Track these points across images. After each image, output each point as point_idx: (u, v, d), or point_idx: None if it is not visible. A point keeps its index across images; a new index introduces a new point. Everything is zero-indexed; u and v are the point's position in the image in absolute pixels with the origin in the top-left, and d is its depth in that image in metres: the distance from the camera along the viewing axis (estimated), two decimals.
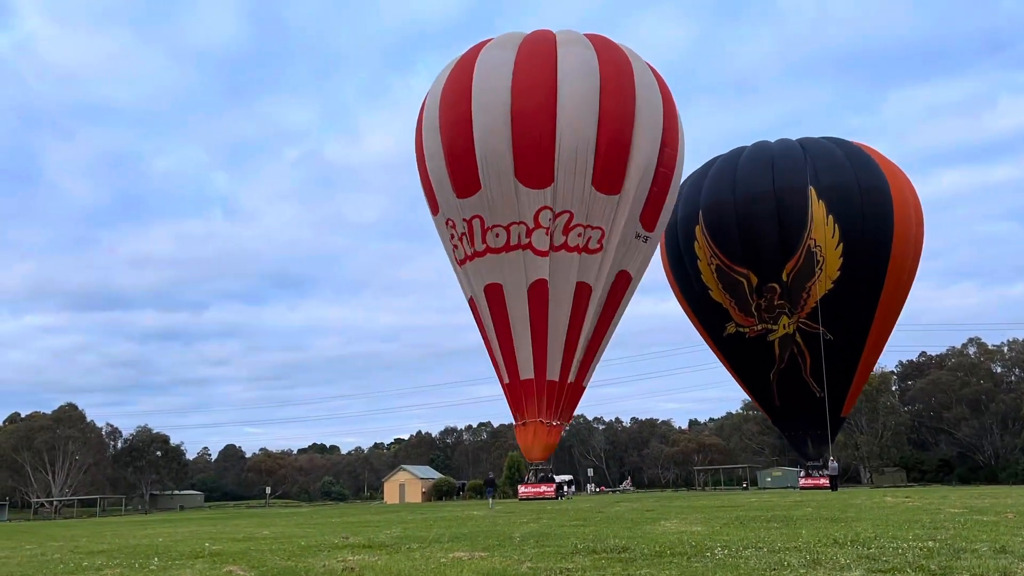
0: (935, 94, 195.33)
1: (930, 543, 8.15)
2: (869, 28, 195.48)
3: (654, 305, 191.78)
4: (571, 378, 34.68)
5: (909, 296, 40.51)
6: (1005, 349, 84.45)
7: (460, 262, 35.38)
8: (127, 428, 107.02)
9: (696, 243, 40.41)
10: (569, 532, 11.44)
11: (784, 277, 38.35)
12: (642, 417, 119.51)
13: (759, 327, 39.67)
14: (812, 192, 37.52)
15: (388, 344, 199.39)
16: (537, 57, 33.04)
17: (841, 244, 37.46)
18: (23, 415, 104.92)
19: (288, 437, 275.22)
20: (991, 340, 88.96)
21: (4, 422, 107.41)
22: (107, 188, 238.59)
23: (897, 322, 41.08)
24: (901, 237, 37.97)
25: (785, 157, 38.82)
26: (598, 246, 32.99)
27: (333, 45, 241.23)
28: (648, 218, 34.25)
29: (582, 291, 33.46)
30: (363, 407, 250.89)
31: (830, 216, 37.40)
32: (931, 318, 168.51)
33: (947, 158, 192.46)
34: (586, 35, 34.79)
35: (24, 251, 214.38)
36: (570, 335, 33.79)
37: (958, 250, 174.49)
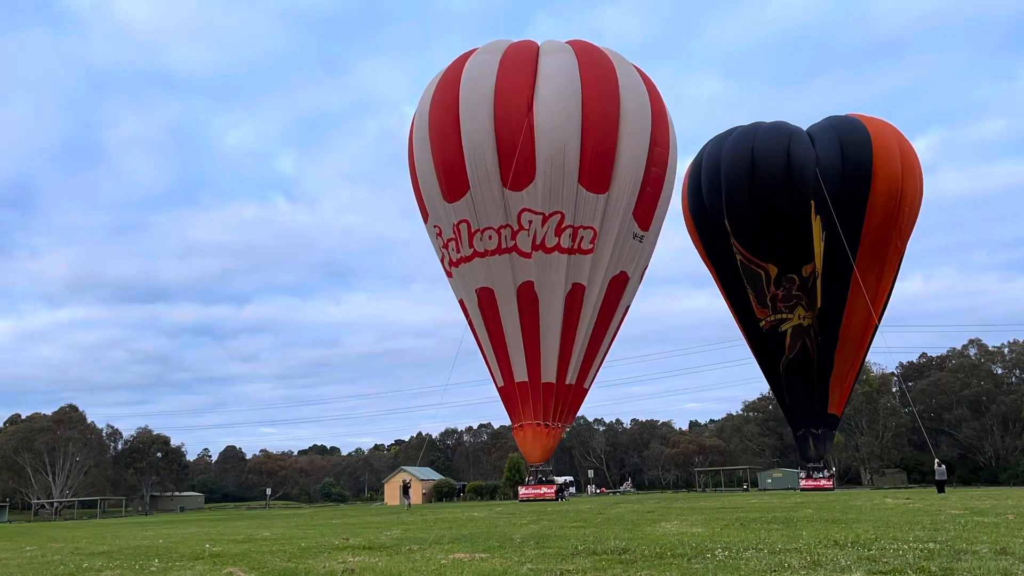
0: None
1: (931, 544, 8.15)
2: None
3: (654, 306, 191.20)
4: (570, 380, 34.62)
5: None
6: (1005, 350, 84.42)
7: (452, 263, 35.50)
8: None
9: (731, 238, 40.53)
10: (569, 533, 11.44)
11: (804, 273, 38.88)
12: (642, 418, 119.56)
13: (772, 318, 40.10)
14: (812, 206, 37.87)
15: (423, 340, 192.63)
16: (519, 63, 33.43)
17: (823, 254, 38.24)
18: (24, 416, 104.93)
19: (302, 438, 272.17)
20: (991, 341, 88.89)
21: (4, 423, 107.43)
22: (170, 168, 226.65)
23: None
24: (877, 229, 38.21)
25: (798, 162, 38.38)
26: (591, 246, 33.08)
27: (439, 5, 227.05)
28: (643, 216, 34.27)
29: (576, 292, 33.49)
30: (378, 407, 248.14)
31: (824, 232, 38.03)
32: (998, 310, 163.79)
33: None
34: (569, 42, 34.96)
35: (75, 237, 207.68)
36: (565, 337, 33.76)
37: None
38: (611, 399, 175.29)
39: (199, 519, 37.16)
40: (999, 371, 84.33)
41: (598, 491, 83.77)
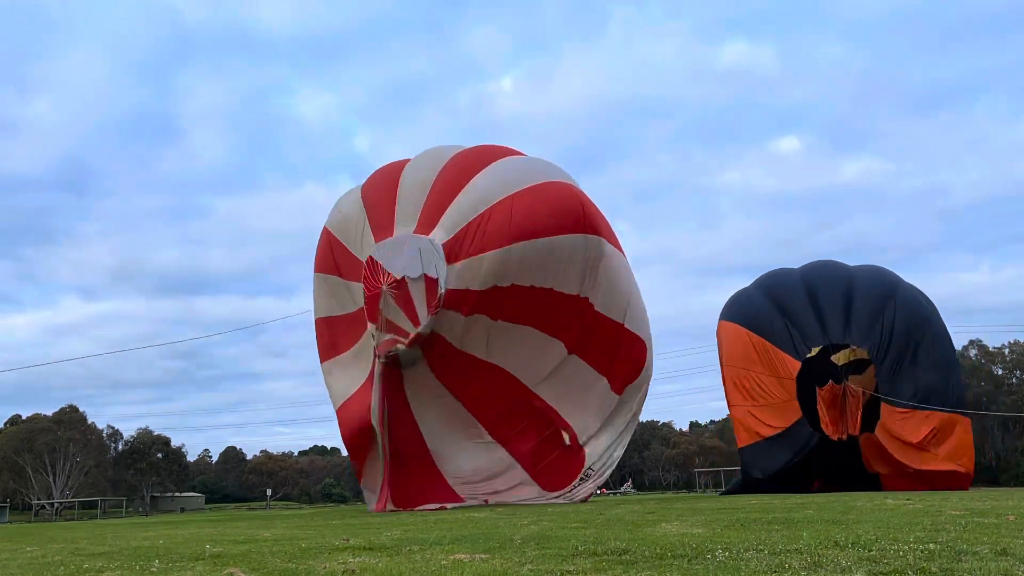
0: None
1: (931, 545, 8.15)
2: None
3: (658, 306, 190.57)
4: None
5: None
6: (1006, 351, 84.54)
7: None
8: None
9: None
10: (570, 534, 11.44)
11: None
12: (643, 419, 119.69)
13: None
14: None
15: None
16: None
17: None
18: (24, 417, 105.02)
19: (314, 437, 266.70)
20: (992, 342, 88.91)
21: (5, 424, 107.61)
22: (241, 145, 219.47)
23: None
24: None
25: None
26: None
27: None
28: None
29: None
30: None
31: None
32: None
33: None
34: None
35: (127, 223, 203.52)
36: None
37: None
38: None
39: (199, 519, 37.16)
40: (1000, 372, 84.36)
41: (599, 492, 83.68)
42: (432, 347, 29.28)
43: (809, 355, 35.90)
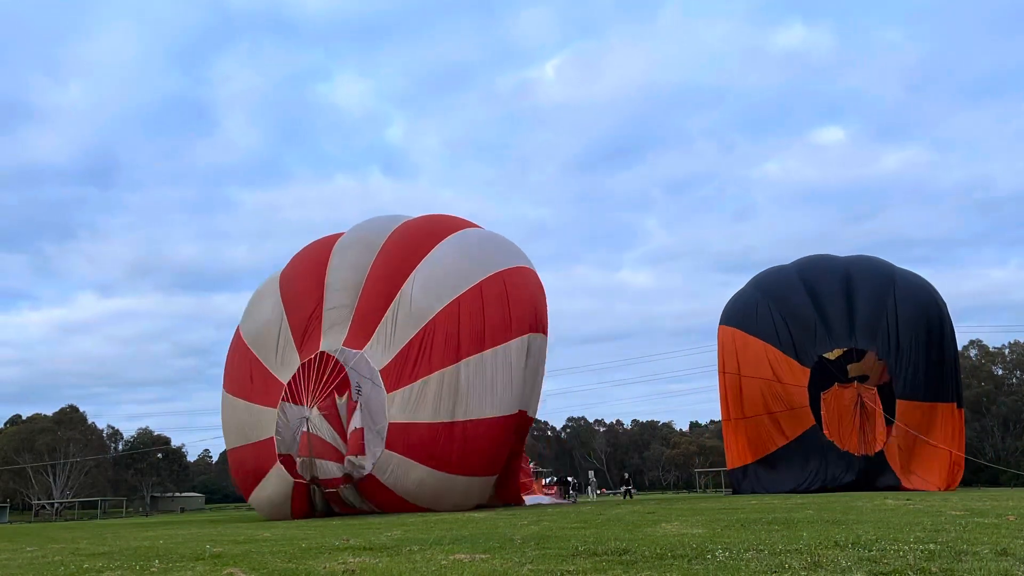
0: None
1: (931, 546, 8.15)
2: None
3: (652, 307, 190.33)
4: None
5: None
6: (1006, 351, 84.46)
7: None
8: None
9: None
10: (570, 534, 11.44)
11: None
12: (643, 419, 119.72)
13: None
14: None
15: None
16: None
17: None
18: (24, 417, 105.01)
19: None
20: (992, 342, 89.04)
21: (5, 424, 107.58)
22: (272, 134, 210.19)
23: None
24: None
25: None
26: None
27: None
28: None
29: None
30: None
31: None
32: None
33: None
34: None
35: (149, 216, 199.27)
36: None
37: None
38: (612, 399, 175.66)
39: (200, 520, 37.17)
40: (999, 372, 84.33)
41: (599, 492, 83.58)
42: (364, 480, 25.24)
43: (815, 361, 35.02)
